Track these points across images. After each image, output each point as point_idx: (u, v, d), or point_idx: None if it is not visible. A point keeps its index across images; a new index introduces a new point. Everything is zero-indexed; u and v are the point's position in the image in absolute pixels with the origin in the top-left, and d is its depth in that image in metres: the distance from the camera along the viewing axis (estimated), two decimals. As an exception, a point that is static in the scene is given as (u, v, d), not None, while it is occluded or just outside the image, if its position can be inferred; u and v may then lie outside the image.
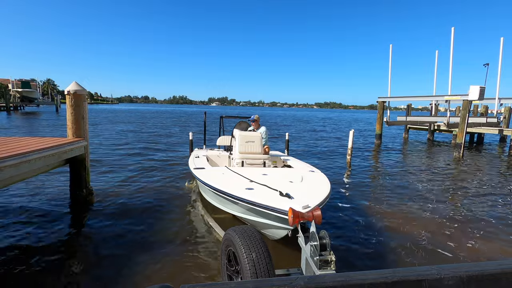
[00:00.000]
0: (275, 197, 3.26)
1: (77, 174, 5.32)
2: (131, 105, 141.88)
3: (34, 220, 4.53)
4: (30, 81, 51.51)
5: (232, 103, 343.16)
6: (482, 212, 5.55)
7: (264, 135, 6.02)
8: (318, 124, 34.17)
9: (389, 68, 17.37)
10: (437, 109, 20.01)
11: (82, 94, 5.24)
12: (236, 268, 2.41)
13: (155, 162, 9.28)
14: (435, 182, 7.88)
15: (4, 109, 38.93)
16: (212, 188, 3.95)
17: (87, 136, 5.47)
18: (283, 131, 21.31)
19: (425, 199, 6.29)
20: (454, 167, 10.24)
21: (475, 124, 15.73)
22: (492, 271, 0.83)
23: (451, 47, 13.73)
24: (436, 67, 18.70)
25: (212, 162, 6.11)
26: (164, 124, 26.42)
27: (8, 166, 3.51)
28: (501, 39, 14.72)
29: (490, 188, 7.36)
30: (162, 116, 41.28)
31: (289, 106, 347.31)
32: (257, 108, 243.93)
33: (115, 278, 3.16)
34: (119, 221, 4.60)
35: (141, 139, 15.03)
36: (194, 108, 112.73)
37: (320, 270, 2.10)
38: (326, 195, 3.51)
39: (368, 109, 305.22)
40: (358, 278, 0.79)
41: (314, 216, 2.30)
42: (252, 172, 4.45)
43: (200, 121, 30.53)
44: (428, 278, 0.80)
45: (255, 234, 2.39)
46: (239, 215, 3.83)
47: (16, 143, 4.55)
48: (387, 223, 4.89)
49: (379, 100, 16.68)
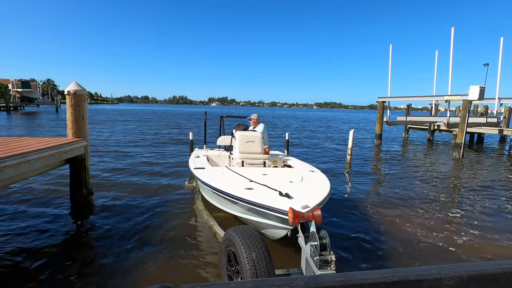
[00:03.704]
0: (274, 197, 3.26)
1: (77, 174, 5.32)
2: (131, 105, 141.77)
3: (34, 220, 4.53)
4: (30, 81, 51.51)
5: (232, 103, 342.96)
6: (483, 212, 5.55)
7: (263, 133, 6.05)
8: (316, 125, 34.17)
9: (389, 68, 17.38)
10: (437, 109, 20.01)
11: (82, 94, 5.24)
12: (236, 268, 2.41)
13: (155, 162, 9.28)
14: (435, 182, 7.87)
15: (4, 109, 38.94)
16: (212, 188, 3.95)
17: (87, 136, 5.47)
18: (282, 131, 21.30)
19: (425, 199, 6.29)
20: (454, 167, 10.24)
21: (475, 124, 15.72)
22: (492, 271, 0.83)
23: (451, 47, 13.73)
24: (436, 67, 18.70)
25: (212, 162, 6.11)
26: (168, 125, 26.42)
27: (8, 166, 3.51)
28: (501, 39, 14.72)
29: (490, 188, 7.36)
30: (163, 117, 41.26)
31: (289, 106, 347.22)
32: (257, 108, 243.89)
33: (115, 278, 3.16)
34: (119, 221, 4.60)
35: (141, 140, 15.03)
36: (194, 108, 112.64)
37: (320, 270, 2.09)
38: (326, 195, 3.51)
39: (368, 109, 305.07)
40: (358, 278, 0.79)
41: (314, 216, 2.29)
42: (252, 172, 4.45)
43: (200, 122, 30.53)
44: (428, 278, 0.80)
45: (255, 234, 2.39)
46: (239, 215, 3.83)
47: (16, 143, 4.55)
48: (387, 223, 4.89)
49: (379, 100, 16.68)
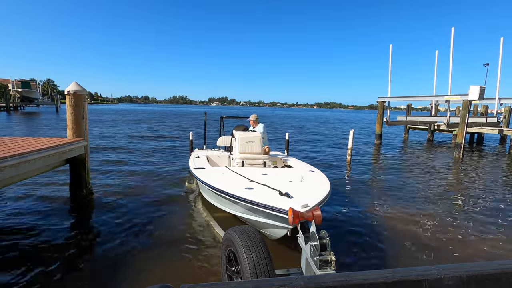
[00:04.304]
0: (274, 196, 3.26)
1: (77, 174, 5.32)
2: (131, 105, 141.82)
3: (34, 220, 4.53)
4: (30, 81, 51.51)
5: (232, 103, 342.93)
6: (483, 212, 5.55)
7: (263, 134, 6.07)
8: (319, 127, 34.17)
9: (389, 68, 17.40)
10: (437, 109, 20.01)
11: (82, 94, 5.25)
12: (236, 268, 2.41)
13: (155, 162, 9.29)
14: (435, 182, 7.88)
15: (4, 109, 38.95)
16: (212, 188, 3.95)
17: (87, 136, 5.48)
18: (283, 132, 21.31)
19: (425, 199, 6.29)
20: (454, 167, 10.24)
21: (475, 124, 15.73)
22: (492, 271, 0.83)
23: (451, 47, 13.74)
24: (436, 67, 18.73)
25: (212, 162, 6.11)
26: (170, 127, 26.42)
27: (8, 166, 3.51)
28: (501, 39, 14.74)
29: (490, 188, 7.36)
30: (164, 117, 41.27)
31: (289, 106, 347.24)
32: (257, 108, 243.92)
33: (114, 278, 3.16)
34: (119, 221, 4.60)
35: (141, 139, 15.03)
36: (194, 108, 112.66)
37: (320, 270, 2.09)
38: (326, 195, 3.51)
39: (368, 109, 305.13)
40: (358, 278, 0.79)
41: (314, 216, 2.29)
42: (252, 172, 4.45)
43: (200, 122, 30.53)
44: (428, 278, 0.80)
45: (255, 234, 2.39)
46: (239, 215, 3.83)
47: (16, 143, 4.56)
48: (387, 223, 4.89)
49: (379, 100, 16.68)
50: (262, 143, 5.73)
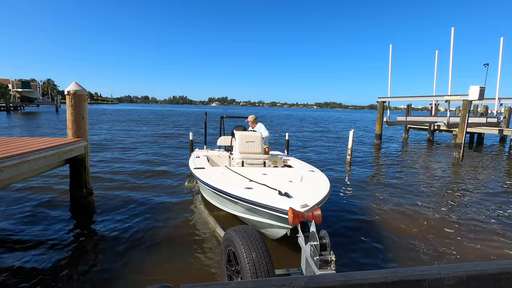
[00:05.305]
0: (274, 196, 3.27)
1: (77, 174, 5.31)
2: (131, 105, 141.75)
3: (34, 220, 4.53)
4: (30, 81, 51.49)
5: (232, 103, 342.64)
6: (483, 212, 5.55)
7: (264, 133, 6.08)
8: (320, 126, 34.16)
9: (389, 68, 17.39)
10: (437, 109, 19.99)
11: (82, 94, 5.24)
12: (236, 268, 2.41)
13: (155, 162, 9.28)
14: (435, 182, 7.87)
15: (4, 109, 38.94)
16: (212, 188, 3.95)
17: (87, 136, 5.47)
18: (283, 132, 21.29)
19: (425, 199, 6.29)
20: (454, 167, 10.24)
21: (475, 124, 15.72)
22: (492, 271, 0.83)
23: (451, 47, 13.73)
24: (436, 67, 18.71)
25: (212, 162, 6.11)
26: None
27: (8, 166, 3.51)
28: (501, 39, 14.73)
29: (490, 188, 7.36)
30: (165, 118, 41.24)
31: (289, 106, 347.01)
32: (257, 108, 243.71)
33: (114, 278, 3.16)
34: (119, 221, 4.60)
35: (141, 139, 15.03)
36: (194, 108, 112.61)
37: (320, 270, 2.09)
38: (325, 195, 3.51)
39: (368, 109, 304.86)
40: (358, 278, 0.79)
41: (314, 215, 2.29)
42: (252, 172, 4.46)
43: (200, 121, 30.53)
44: (428, 278, 0.80)
45: (255, 234, 2.39)
46: (239, 215, 3.83)
47: (16, 143, 4.55)
48: (387, 223, 4.89)
49: (379, 100, 16.67)
50: (262, 143, 5.74)
